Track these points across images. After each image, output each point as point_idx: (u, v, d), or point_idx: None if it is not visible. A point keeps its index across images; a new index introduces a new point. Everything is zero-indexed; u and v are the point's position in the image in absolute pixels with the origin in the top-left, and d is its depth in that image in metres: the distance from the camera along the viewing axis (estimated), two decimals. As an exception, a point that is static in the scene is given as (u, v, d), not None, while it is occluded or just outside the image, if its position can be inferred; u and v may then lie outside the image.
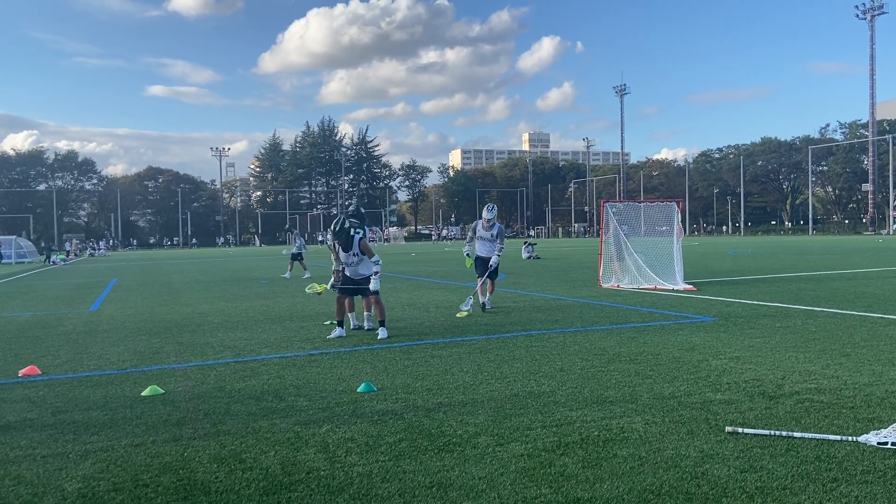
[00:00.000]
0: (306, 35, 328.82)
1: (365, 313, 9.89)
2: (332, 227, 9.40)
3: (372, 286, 9.13)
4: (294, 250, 23.51)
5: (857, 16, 77.48)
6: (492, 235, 11.93)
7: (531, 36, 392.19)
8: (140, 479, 4.09)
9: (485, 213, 12.04)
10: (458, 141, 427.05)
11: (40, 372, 7.44)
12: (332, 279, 9.55)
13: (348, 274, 9.43)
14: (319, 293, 9.97)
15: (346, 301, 9.65)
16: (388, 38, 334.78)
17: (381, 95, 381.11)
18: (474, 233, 12.17)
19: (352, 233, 9.32)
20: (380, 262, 9.25)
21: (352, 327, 9.85)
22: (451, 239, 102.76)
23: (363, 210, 10.64)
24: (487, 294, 11.83)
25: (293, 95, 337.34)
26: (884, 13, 75.84)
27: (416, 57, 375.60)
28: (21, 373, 7.37)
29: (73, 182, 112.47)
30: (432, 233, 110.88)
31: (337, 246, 9.43)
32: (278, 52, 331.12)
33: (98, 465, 4.37)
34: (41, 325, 11.52)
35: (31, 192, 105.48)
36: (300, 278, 21.64)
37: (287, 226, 28.72)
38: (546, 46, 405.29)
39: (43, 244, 55.84)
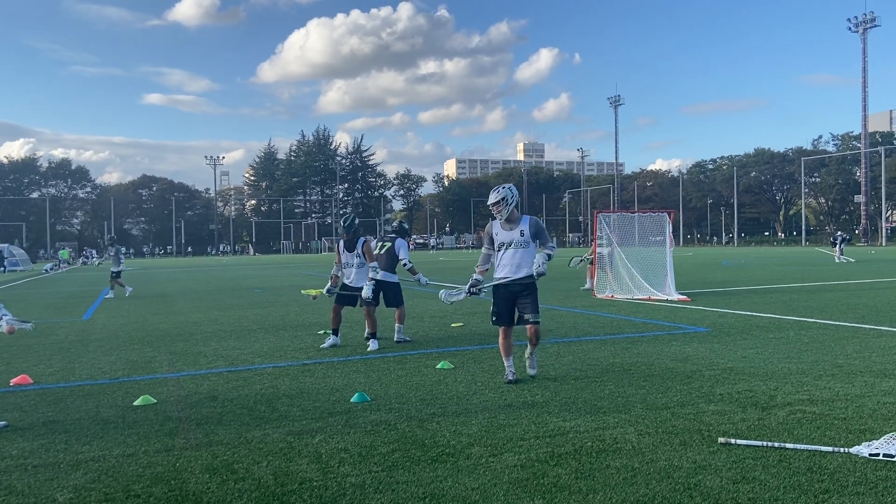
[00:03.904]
0: (306, 45, 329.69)
1: (396, 325, 9.81)
2: (342, 221, 9.46)
3: (364, 293, 9.11)
4: (119, 267, 20.73)
5: (850, 28, 78.07)
6: (521, 236, 6.77)
7: (529, 47, 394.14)
8: (132, 490, 4.07)
9: (492, 197, 6.80)
10: (455, 151, 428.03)
11: (32, 381, 7.40)
12: (329, 283, 9.54)
13: (347, 282, 9.45)
14: (314, 297, 9.95)
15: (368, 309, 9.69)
16: (388, 49, 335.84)
17: (379, 105, 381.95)
18: (491, 242, 6.96)
19: (360, 232, 9.41)
20: (377, 269, 9.23)
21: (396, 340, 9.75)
22: (439, 248, 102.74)
23: (405, 226, 10.68)
24: (528, 353, 7.01)
25: (291, 105, 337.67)
26: (876, 26, 76.46)
27: (415, 67, 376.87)
28: (13, 382, 7.33)
29: (66, 190, 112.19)
30: (410, 242, 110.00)
31: (341, 247, 9.45)
32: (277, 61, 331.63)
33: (89, 475, 4.35)
34: (33, 333, 11.45)
35: (25, 199, 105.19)
36: (122, 297, 19.77)
37: (110, 235, 26.18)
38: (544, 58, 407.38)
39: (41, 251, 55.16)
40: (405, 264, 9.86)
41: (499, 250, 6.84)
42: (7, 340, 10.49)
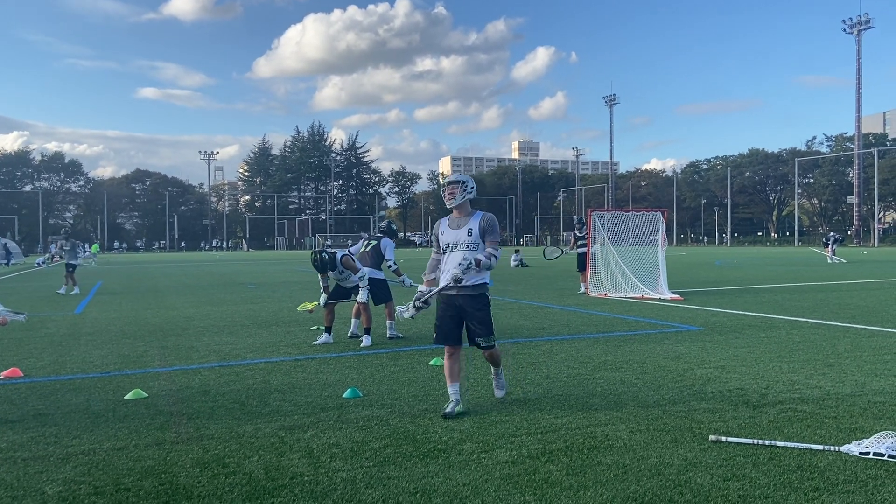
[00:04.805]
0: (302, 41, 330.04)
1: (353, 319, 9.86)
2: (311, 263, 9.38)
3: (359, 297, 9.09)
4: (79, 261, 20.14)
5: (845, 30, 78.38)
6: (469, 235, 5.60)
7: (526, 45, 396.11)
8: (122, 483, 4.06)
9: (451, 177, 5.79)
10: (451, 148, 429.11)
11: (22, 374, 7.36)
12: (324, 297, 9.49)
13: (341, 284, 9.47)
14: (311, 311, 9.95)
15: (354, 308, 9.67)
16: (385, 46, 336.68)
17: (375, 102, 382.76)
18: (438, 243, 5.83)
19: (332, 252, 9.35)
20: (365, 278, 9.14)
21: (349, 334, 9.77)
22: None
23: (394, 227, 10.64)
24: (492, 373, 6.12)
25: (286, 100, 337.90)
26: (870, 28, 76.79)
27: (411, 64, 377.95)
28: (3, 375, 7.29)
29: (59, 184, 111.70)
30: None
31: (321, 278, 9.49)
32: (273, 57, 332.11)
33: (79, 468, 4.33)
34: (24, 326, 11.40)
35: (17, 193, 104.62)
36: (69, 294, 18.85)
37: (64, 229, 25.47)
38: (540, 56, 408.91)
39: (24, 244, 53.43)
40: (390, 265, 9.86)
41: (444, 252, 5.76)
42: (-2, 333, 10.43)
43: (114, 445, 4.79)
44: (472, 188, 5.70)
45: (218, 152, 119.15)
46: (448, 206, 5.72)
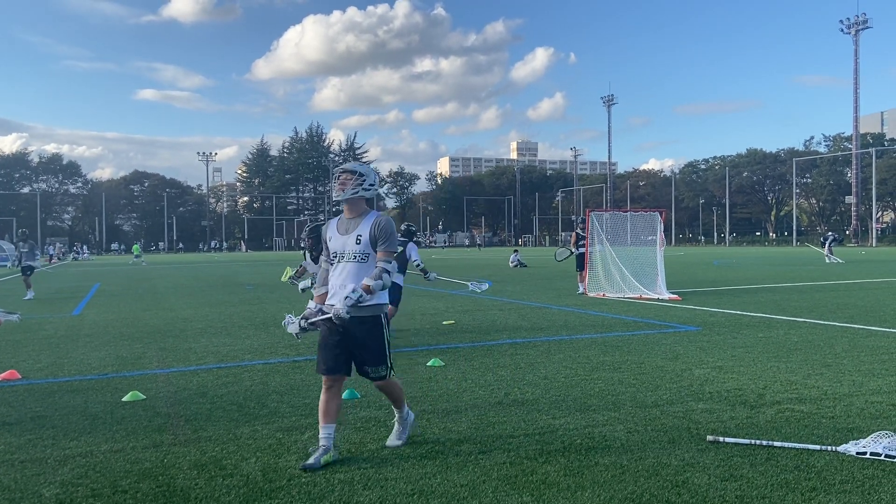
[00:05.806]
0: (302, 42, 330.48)
1: None
2: (306, 229, 9.39)
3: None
4: (34, 263, 19.02)
5: (842, 30, 78.43)
6: (357, 243, 4.60)
7: (525, 47, 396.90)
8: (119, 486, 4.06)
9: (345, 165, 4.76)
10: (449, 149, 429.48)
11: (20, 376, 7.36)
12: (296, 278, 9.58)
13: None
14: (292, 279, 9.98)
15: None
16: (384, 47, 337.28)
17: (374, 103, 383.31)
18: (327, 249, 4.77)
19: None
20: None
21: None
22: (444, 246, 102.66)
23: (413, 228, 10.98)
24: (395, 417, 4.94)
25: (285, 102, 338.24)
26: (868, 28, 76.86)
27: (410, 65, 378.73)
28: (0, 377, 7.29)
29: (57, 185, 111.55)
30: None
31: (307, 257, 9.41)
32: (272, 58, 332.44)
33: (77, 470, 4.33)
34: (22, 328, 11.39)
35: (15, 194, 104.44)
36: (30, 298, 17.90)
37: (21, 230, 24.08)
38: (539, 57, 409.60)
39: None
40: (417, 264, 10.29)
41: (332, 262, 4.71)
42: (-5, 336, 10.42)
43: (111, 447, 4.79)
44: (371, 185, 4.64)
45: (216, 153, 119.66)
46: (334, 199, 4.71)
